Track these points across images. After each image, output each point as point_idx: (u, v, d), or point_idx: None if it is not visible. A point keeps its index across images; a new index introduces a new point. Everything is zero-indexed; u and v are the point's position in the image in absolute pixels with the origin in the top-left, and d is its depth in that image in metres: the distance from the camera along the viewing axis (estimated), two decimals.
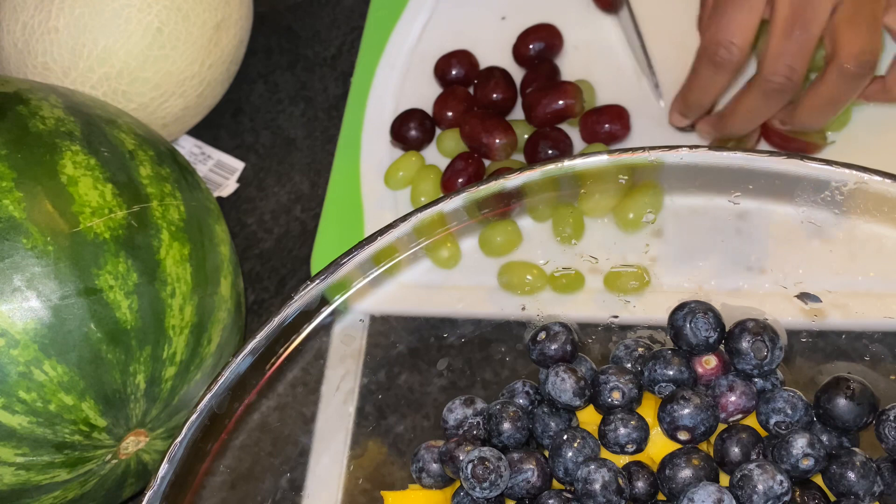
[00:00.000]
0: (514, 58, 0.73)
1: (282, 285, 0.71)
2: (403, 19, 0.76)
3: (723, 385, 0.51)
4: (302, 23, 0.81)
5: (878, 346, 0.52)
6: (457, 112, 0.71)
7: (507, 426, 0.52)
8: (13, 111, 0.56)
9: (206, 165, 0.76)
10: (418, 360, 0.56)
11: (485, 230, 0.57)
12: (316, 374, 0.54)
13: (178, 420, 0.56)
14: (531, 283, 0.56)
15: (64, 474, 0.53)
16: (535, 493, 0.50)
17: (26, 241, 0.51)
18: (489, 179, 0.52)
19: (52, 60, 0.67)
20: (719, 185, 0.52)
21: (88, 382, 0.52)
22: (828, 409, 0.50)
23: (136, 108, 0.69)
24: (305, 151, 0.76)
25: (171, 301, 0.54)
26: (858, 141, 0.65)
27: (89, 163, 0.55)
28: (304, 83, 0.79)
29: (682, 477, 0.49)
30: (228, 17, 0.71)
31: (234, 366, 0.49)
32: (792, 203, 0.51)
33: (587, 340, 0.56)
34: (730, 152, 0.50)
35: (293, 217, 0.73)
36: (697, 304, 0.52)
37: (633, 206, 0.55)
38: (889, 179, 0.48)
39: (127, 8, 0.67)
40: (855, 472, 0.48)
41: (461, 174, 0.67)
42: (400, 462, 0.55)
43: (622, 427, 0.50)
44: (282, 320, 0.51)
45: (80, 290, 0.52)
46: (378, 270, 0.53)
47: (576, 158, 0.51)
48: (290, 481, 0.54)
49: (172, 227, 0.56)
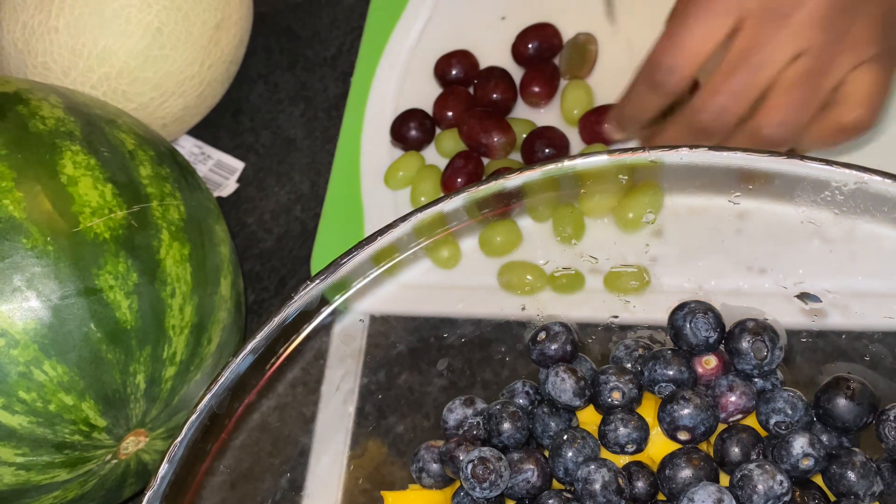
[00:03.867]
0: (514, 58, 0.73)
1: (282, 285, 0.71)
2: (403, 19, 0.76)
3: (723, 385, 0.51)
4: (302, 23, 0.81)
5: (878, 346, 0.52)
6: (457, 112, 0.71)
7: (507, 426, 0.52)
8: (13, 111, 0.56)
9: (206, 165, 0.76)
10: (418, 360, 0.56)
11: (485, 230, 0.57)
12: (316, 374, 0.54)
13: (178, 420, 0.56)
14: (531, 283, 0.56)
15: (64, 474, 0.53)
16: (535, 493, 0.50)
17: (26, 241, 0.51)
18: (489, 179, 0.52)
19: (52, 60, 0.67)
20: (719, 185, 0.52)
21: (88, 382, 0.52)
22: (828, 409, 0.50)
23: (136, 108, 0.69)
24: (305, 151, 0.76)
25: (171, 301, 0.54)
26: (859, 141, 0.65)
27: (89, 163, 0.55)
28: (304, 83, 0.79)
29: (682, 477, 0.49)
30: (228, 17, 0.71)
31: (234, 366, 0.49)
32: (792, 203, 0.51)
33: (587, 340, 0.56)
34: (730, 152, 0.50)
35: (293, 217, 0.73)
36: (697, 304, 0.52)
37: (633, 206, 0.55)
38: (889, 179, 0.48)
39: (127, 8, 0.67)
40: (855, 472, 0.48)
41: (460, 173, 0.67)
42: (400, 462, 0.55)
43: (622, 427, 0.50)
44: (282, 320, 0.51)
45: (80, 290, 0.52)
46: (378, 270, 0.53)
47: (576, 158, 0.51)
48: (290, 481, 0.54)
49: (172, 227, 0.56)
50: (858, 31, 0.55)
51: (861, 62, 0.55)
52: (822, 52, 0.55)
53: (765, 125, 0.56)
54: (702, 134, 0.58)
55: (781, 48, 0.55)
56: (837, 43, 0.55)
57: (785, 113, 0.56)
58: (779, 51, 0.55)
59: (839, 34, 0.55)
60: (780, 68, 0.55)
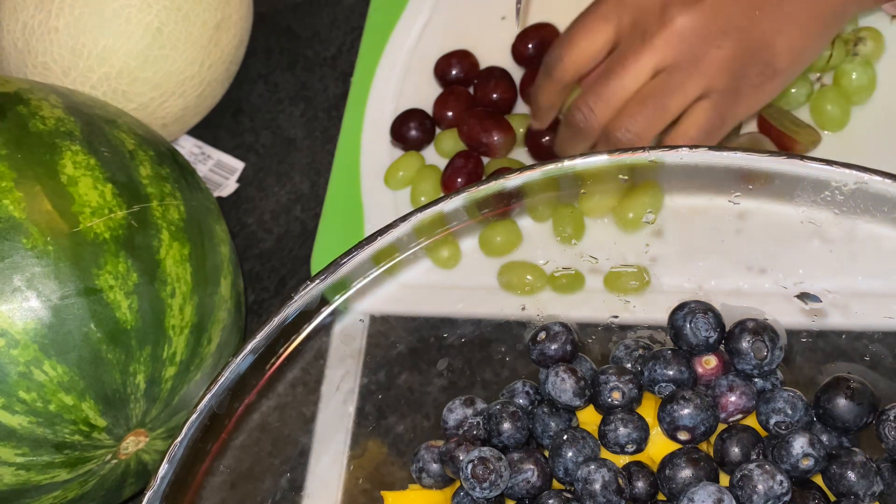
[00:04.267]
0: (514, 58, 0.73)
1: (282, 285, 0.71)
2: (403, 19, 0.76)
3: (723, 385, 0.51)
4: (302, 23, 0.81)
5: (878, 346, 0.52)
6: (457, 112, 0.71)
7: (507, 426, 0.52)
8: (13, 111, 0.56)
9: (206, 165, 0.76)
10: (418, 360, 0.56)
11: (485, 230, 0.57)
12: (316, 374, 0.54)
13: (178, 420, 0.56)
14: (531, 283, 0.56)
15: (64, 474, 0.53)
16: (535, 493, 0.50)
17: (26, 241, 0.51)
18: (489, 179, 0.52)
19: (52, 60, 0.67)
20: (719, 185, 0.52)
21: (88, 382, 0.52)
22: (828, 409, 0.50)
23: (136, 108, 0.69)
24: (305, 151, 0.76)
25: (171, 301, 0.54)
26: (858, 141, 0.65)
27: (89, 163, 0.55)
28: (304, 83, 0.79)
29: (682, 477, 0.49)
30: (228, 17, 0.71)
31: (234, 366, 0.49)
32: (792, 203, 0.51)
33: (587, 340, 0.56)
34: (730, 152, 0.50)
35: (293, 217, 0.73)
36: (697, 304, 0.52)
37: (633, 206, 0.55)
38: (889, 179, 0.48)
39: (127, 8, 0.67)
40: (855, 472, 0.48)
41: (460, 173, 0.67)
42: (400, 462, 0.55)
43: (622, 427, 0.50)
44: (282, 320, 0.51)
45: (80, 290, 0.52)
46: (378, 270, 0.53)
47: (576, 158, 0.52)
48: (290, 481, 0.54)
49: (172, 227, 0.56)
50: (712, 60, 0.58)
51: (708, 93, 0.59)
52: (675, 71, 0.58)
53: (614, 129, 0.60)
54: (576, 132, 0.62)
55: (643, 62, 0.59)
56: (691, 66, 0.58)
57: (632, 122, 0.59)
58: (640, 64, 0.59)
59: (694, 58, 0.58)
60: (642, 81, 0.59)
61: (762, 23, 0.58)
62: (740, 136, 0.66)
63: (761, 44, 0.58)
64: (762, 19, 0.58)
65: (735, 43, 0.58)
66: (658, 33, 0.58)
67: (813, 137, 0.65)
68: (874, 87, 0.66)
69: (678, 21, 0.58)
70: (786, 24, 0.59)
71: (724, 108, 0.59)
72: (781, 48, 0.59)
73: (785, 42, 0.59)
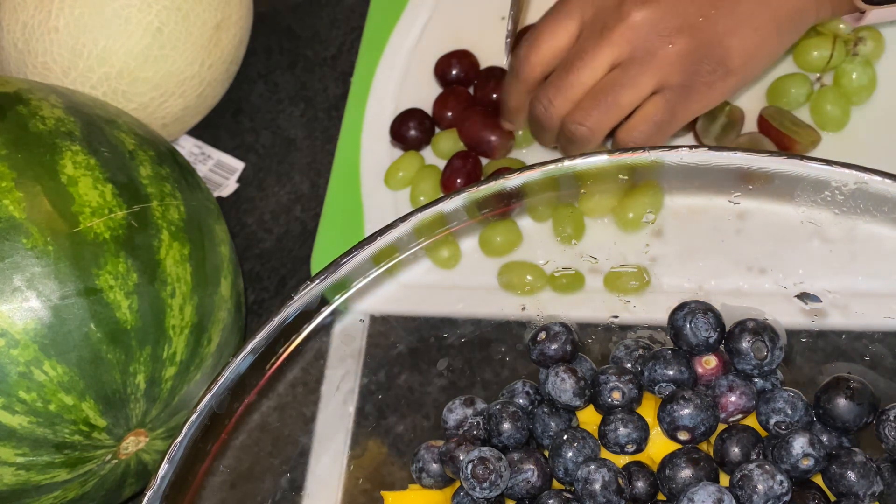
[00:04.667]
0: None
1: (282, 285, 0.71)
2: (403, 19, 0.76)
3: (723, 385, 0.51)
4: (302, 23, 0.81)
5: (878, 346, 0.52)
6: (456, 112, 0.71)
7: (507, 426, 0.52)
8: (13, 111, 0.56)
9: (206, 165, 0.76)
10: (418, 360, 0.56)
11: (485, 230, 0.57)
12: (316, 374, 0.54)
13: (178, 420, 0.56)
14: (531, 283, 0.56)
15: (64, 474, 0.53)
16: (535, 493, 0.50)
17: (26, 241, 0.51)
18: (489, 179, 0.52)
19: (52, 60, 0.67)
20: (719, 185, 0.52)
21: (88, 382, 0.52)
22: (828, 409, 0.50)
23: (136, 108, 0.69)
24: (305, 151, 0.76)
25: (171, 301, 0.54)
26: (858, 141, 0.65)
27: (89, 163, 0.55)
28: (304, 83, 0.79)
29: (682, 477, 0.49)
30: (228, 17, 0.71)
31: (234, 366, 0.49)
32: (792, 203, 0.51)
33: (587, 340, 0.56)
34: (730, 152, 0.50)
35: (293, 217, 0.73)
36: (697, 304, 0.52)
37: (633, 206, 0.55)
38: (889, 179, 0.48)
39: (127, 8, 0.67)
40: (855, 472, 0.48)
41: (460, 173, 0.67)
42: (400, 462, 0.55)
43: (622, 427, 0.50)
44: (282, 320, 0.51)
45: (80, 290, 0.52)
46: (378, 270, 0.53)
47: (576, 158, 0.52)
48: (290, 481, 0.54)
49: (172, 227, 0.56)
50: (666, 55, 0.59)
51: (661, 88, 0.60)
52: (630, 65, 0.59)
53: (569, 121, 0.61)
54: (538, 125, 0.63)
55: (600, 57, 0.60)
56: (645, 61, 0.59)
57: (585, 115, 0.60)
58: (598, 58, 0.60)
59: (648, 53, 0.59)
60: (600, 74, 0.60)
61: (717, 22, 0.59)
62: (740, 136, 0.66)
63: (715, 42, 0.59)
64: (717, 18, 0.59)
65: (689, 39, 0.59)
66: (615, 28, 0.59)
67: (813, 137, 0.65)
68: (874, 88, 0.66)
69: (634, 16, 0.59)
70: (741, 24, 0.59)
71: (675, 104, 0.60)
72: (735, 48, 0.59)
73: (739, 42, 0.59)
